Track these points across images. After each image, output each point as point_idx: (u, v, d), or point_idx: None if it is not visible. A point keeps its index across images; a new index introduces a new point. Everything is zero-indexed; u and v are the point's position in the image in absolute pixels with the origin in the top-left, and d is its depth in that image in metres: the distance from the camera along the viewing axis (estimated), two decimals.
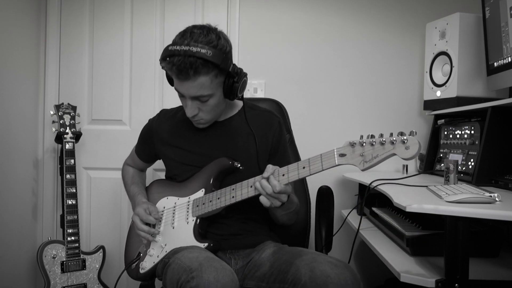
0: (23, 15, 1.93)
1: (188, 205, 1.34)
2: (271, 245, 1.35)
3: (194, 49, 1.17)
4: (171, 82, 1.32)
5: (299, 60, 2.14)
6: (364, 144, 1.04)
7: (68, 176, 1.86)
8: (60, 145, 1.93)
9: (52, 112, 1.90)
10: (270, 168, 1.17)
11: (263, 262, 1.28)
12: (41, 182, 2.11)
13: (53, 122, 1.89)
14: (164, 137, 1.45)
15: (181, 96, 1.30)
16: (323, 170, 1.11)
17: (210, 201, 1.28)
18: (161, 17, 2.14)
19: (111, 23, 2.13)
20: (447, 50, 1.82)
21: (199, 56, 1.17)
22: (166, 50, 1.22)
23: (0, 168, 1.76)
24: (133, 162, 1.62)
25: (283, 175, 1.16)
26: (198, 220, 1.30)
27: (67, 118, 1.89)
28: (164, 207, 1.40)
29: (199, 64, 1.18)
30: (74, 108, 1.92)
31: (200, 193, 1.33)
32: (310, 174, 1.13)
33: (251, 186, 1.21)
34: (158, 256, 1.32)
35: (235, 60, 2.08)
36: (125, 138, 2.13)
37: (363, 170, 1.04)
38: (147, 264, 1.34)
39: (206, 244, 1.25)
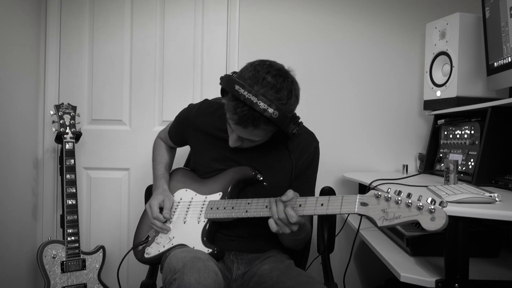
0: (23, 15, 1.93)
1: (203, 204, 1.33)
2: (275, 257, 1.34)
3: (262, 106, 1.10)
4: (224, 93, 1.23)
5: (299, 60, 2.14)
6: (389, 199, 0.98)
7: (68, 176, 1.86)
8: (60, 145, 1.93)
9: (52, 112, 1.90)
10: (290, 193, 1.14)
11: (265, 277, 1.26)
12: (41, 182, 2.11)
13: (53, 122, 1.89)
14: (198, 132, 1.42)
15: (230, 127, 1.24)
16: (340, 213, 1.08)
17: (224, 208, 1.28)
18: (161, 17, 2.14)
19: (111, 23, 2.13)
20: (447, 50, 1.82)
21: (265, 114, 1.11)
22: (231, 86, 1.14)
23: (0, 168, 1.76)
24: (165, 139, 1.60)
25: (300, 205, 1.13)
26: (209, 224, 1.30)
27: (67, 118, 1.89)
28: (181, 199, 1.41)
29: (261, 121, 1.14)
30: (74, 108, 1.92)
31: (217, 196, 1.33)
32: (327, 214, 1.10)
33: (266, 206, 1.19)
34: (164, 246, 1.32)
35: (235, 60, 2.09)
36: (125, 138, 2.13)
37: (380, 227, 1.00)
38: (152, 250, 1.35)
39: (210, 251, 1.24)
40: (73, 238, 1.84)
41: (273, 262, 1.30)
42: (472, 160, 1.59)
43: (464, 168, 1.62)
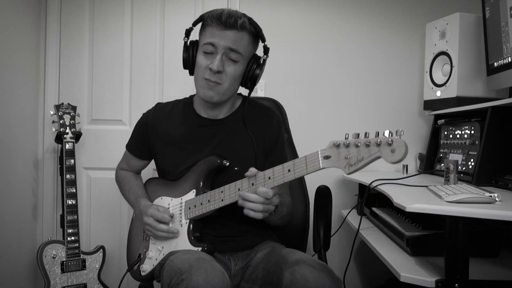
0: (23, 15, 1.93)
1: (181, 207, 1.33)
2: (268, 244, 1.35)
3: (240, 13, 1.28)
4: (188, 62, 1.34)
5: (299, 60, 2.14)
6: (348, 145, 0.98)
7: (68, 176, 1.86)
8: (60, 145, 1.93)
9: (52, 112, 1.90)
10: (253, 169, 1.15)
11: (258, 264, 1.28)
12: (41, 182, 2.11)
13: (53, 122, 1.89)
14: (159, 133, 1.42)
15: (209, 53, 1.27)
16: (307, 174, 1.07)
17: (201, 203, 1.27)
18: (161, 17, 2.14)
19: (111, 23, 2.13)
20: (447, 50, 1.82)
21: (247, 17, 1.28)
22: (208, 11, 1.28)
23: (0, 168, 1.76)
24: (127, 164, 1.57)
25: (269, 178, 1.13)
26: (192, 223, 1.29)
27: (67, 118, 1.89)
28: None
29: (245, 20, 1.27)
30: (74, 108, 1.92)
31: (191, 194, 1.32)
32: (295, 178, 1.09)
33: (238, 189, 1.19)
34: (156, 259, 1.32)
35: None
36: (125, 138, 2.10)
37: (348, 174, 0.99)
38: (147, 267, 1.34)
39: (200, 248, 1.24)
40: (73, 238, 1.84)
41: (265, 249, 1.32)
42: (472, 160, 1.59)
43: (464, 168, 1.62)
